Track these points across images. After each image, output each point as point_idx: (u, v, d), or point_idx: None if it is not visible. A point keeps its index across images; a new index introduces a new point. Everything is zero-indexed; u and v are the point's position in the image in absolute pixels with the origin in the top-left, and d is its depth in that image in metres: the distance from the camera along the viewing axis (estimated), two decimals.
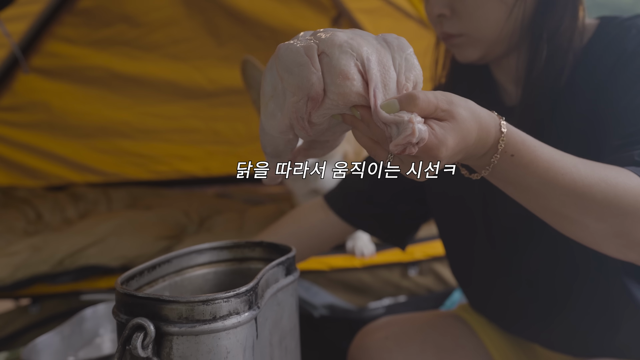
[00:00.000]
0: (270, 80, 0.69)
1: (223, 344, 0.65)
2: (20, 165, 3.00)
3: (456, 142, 0.63)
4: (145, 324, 0.63)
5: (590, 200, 0.70)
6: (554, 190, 0.70)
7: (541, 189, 0.70)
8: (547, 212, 0.74)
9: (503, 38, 0.93)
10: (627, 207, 0.70)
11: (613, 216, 0.70)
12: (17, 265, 1.90)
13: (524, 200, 0.74)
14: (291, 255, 0.84)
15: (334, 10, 2.79)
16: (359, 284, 2.01)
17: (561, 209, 0.71)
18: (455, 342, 1.16)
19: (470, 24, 0.91)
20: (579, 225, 0.73)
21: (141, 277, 0.80)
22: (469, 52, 0.95)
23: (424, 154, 0.62)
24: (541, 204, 0.73)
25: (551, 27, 0.90)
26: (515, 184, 0.71)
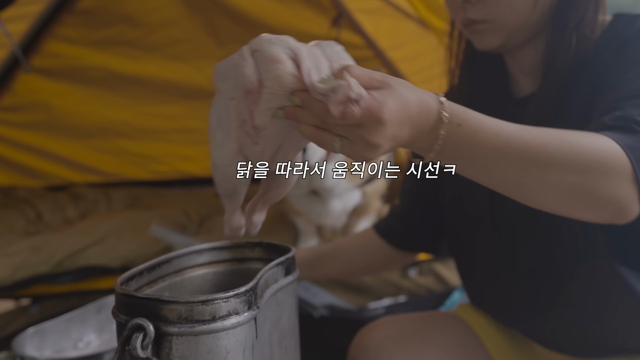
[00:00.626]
0: (215, 112, 0.71)
1: (222, 344, 0.65)
2: (20, 165, 3.00)
3: (397, 107, 0.63)
4: (145, 324, 0.63)
5: (547, 159, 0.68)
6: (508, 156, 0.68)
7: (495, 157, 0.69)
8: (507, 183, 0.72)
9: (526, 26, 0.93)
10: (586, 162, 0.69)
11: (574, 173, 0.69)
12: (17, 266, 1.90)
13: (483, 174, 0.72)
14: (290, 255, 0.84)
15: (334, 11, 2.79)
16: (359, 284, 2.01)
17: (520, 176, 0.70)
18: (455, 342, 1.16)
19: (496, 10, 0.91)
20: (541, 190, 0.71)
21: (141, 277, 0.80)
22: (490, 39, 0.95)
23: (367, 119, 0.62)
24: (500, 174, 0.70)
25: (576, 16, 0.91)
26: (468, 157, 0.69)
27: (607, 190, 0.70)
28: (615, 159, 0.70)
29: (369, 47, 2.88)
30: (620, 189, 0.70)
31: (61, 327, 1.48)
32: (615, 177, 0.69)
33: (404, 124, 0.65)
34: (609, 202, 0.70)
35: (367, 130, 0.63)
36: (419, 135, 0.67)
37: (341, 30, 2.80)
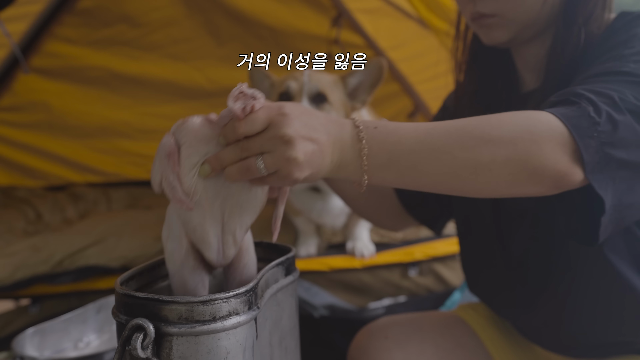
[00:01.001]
0: (165, 226, 0.73)
1: (223, 345, 0.65)
2: (20, 165, 2.99)
3: (297, 110, 0.66)
4: (145, 325, 0.63)
5: (470, 139, 0.68)
6: (433, 145, 0.69)
7: (421, 150, 0.69)
8: (444, 178, 0.70)
9: (535, 21, 0.93)
10: (512, 133, 0.69)
11: (502, 147, 0.68)
12: (17, 266, 1.90)
13: (418, 176, 0.71)
14: (290, 256, 0.84)
15: (334, 11, 2.79)
16: (359, 285, 2.01)
17: (452, 164, 0.69)
18: (455, 342, 1.16)
19: (507, 4, 0.91)
20: (478, 173, 0.69)
21: (141, 277, 0.80)
22: (499, 34, 0.95)
23: (270, 114, 0.65)
24: (433, 169, 0.70)
25: (585, 12, 0.91)
26: (398, 159, 0.69)
27: (542, 159, 0.69)
28: (545, 126, 0.70)
29: (369, 47, 2.88)
30: (554, 155, 0.69)
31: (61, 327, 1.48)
32: (547, 143, 0.69)
33: (315, 129, 0.67)
34: (546, 171, 0.69)
35: (275, 128, 0.65)
36: (341, 146, 0.69)
37: (341, 30, 2.80)
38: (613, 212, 0.74)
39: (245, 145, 0.66)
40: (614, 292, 0.95)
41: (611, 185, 0.73)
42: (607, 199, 0.72)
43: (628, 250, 0.93)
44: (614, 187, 0.73)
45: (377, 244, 2.02)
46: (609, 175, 0.72)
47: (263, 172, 0.66)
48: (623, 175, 0.73)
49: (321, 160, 0.68)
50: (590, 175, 0.71)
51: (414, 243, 2.03)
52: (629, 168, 0.74)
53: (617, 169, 0.73)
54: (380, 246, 2.02)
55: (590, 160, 0.71)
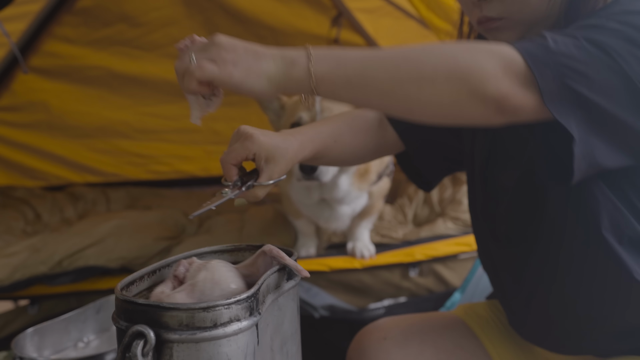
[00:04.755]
0: None
1: (224, 351, 0.65)
2: (19, 165, 2.99)
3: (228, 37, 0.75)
4: (145, 332, 0.62)
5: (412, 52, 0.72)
6: (377, 57, 0.73)
7: (365, 59, 0.73)
8: (388, 86, 0.73)
9: (541, 21, 0.92)
10: (454, 51, 0.71)
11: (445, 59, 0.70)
12: (16, 266, 1.89)
13: (364, 84, 0.74)
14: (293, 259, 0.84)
15: (334, 10, 2.79)
16: (359, 285, 2.01)
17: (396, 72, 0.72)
18: (454, 343, 1.16)
19: (513, 7, 0.90)
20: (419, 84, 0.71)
21: (141, 281, 0.79)
22: (506, 36, 0.94)
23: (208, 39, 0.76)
24: (378, 76, 0.73)
25: (587, 9, 0.90)
26: (343, 63, 0.74)
27: (483, 77, 0.70)
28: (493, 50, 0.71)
29: (369, 47, 2.87)
30: (497, 76, 0.70)
31: (61, 326, 1.48)
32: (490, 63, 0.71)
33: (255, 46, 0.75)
34: (488, 91, 0.70)
35: (209, 40, 0.76)
36: (286, 54, 0.76)
37: (341, 29, 2.80)
38: (581, 145, 0.74)
39: (183, 57, 0.77)
40: (613, 276, 0.93)
41: (572, 117, 0.73)
42: (572, 128, 0.72)
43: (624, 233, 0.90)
44: (576, 119, 0.73)
45: (378, 245, 2.02)
46: (568, 107, 0.73)
47: (194, 62, 0.75)
48: (584, 114, 0.73)
49: (253, 59, 0.74)
50: (550, 104, 0.72)
51: (414, 244, 2.02)
52: (590, 109, 0.74)
53: (577, 102, 0.73)
54: (380, 247, 2.01)
55: (547, 88, 0.71)
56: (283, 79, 0.75)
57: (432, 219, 2.21)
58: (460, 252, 2.03)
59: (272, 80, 0.75)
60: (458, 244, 2.02)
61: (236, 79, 0.74)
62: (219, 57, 0.74)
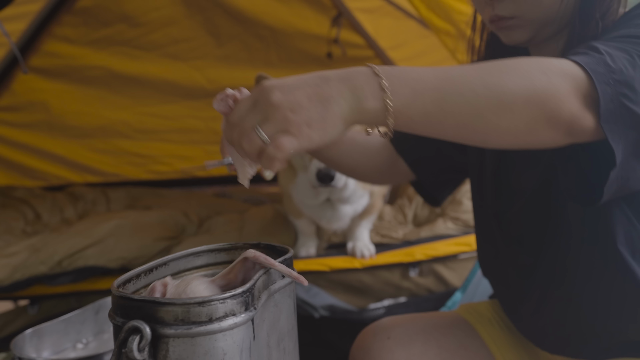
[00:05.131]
0: None
1: (219, 346, 0.64)
2: (19, 165, 2.99)
3: (280, 79, 0.65)
4: (141, 327, 0.62)
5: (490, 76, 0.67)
6: (455, 83, 0.67)
7: (443, 88, 0.67)
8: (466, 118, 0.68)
9: (554, 20, 0.92)
10: (530, 74, 0.68)
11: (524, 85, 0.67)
12: (16, 267, 1.89)
13: (441, 115, 0.68)
14: (288, 257, 0.84)
15: (334, 10, 2.79)
16: (360, 285, 2.01)
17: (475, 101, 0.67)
18: (458, 343, 1.16)
19: (525, 6, 0.91)
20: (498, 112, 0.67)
21: (138, 280, 0.79)
22: (519, 35, 0.95)
23: (254, 93, 0.66)
24: (456, 107, 0.67)
25: (603, 7, 0.90)
26: (420, 94, 0.67)
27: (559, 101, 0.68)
28: (561, 69, 0.69)
29: (369, 47, 2.88)
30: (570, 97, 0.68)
31: (60, 327, 1.48)
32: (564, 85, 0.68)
33: (310, 80, 0.66)
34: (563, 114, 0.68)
35: (262, 96, 0.65)
36: (355, 84, 0.66)
37: (341, 29, 2.80)
38: (620, 169, 0.72)
39: (240, 125, 0.66)
40: (624, 287, 0.93)
41: (623, 138, 0.71)
42: (618, 152, 0.70)
43: (637, 247, 0.91)
44: (626, 141, 0.71)
45: (377, 245, 2.02)
46: (622, 127, 0.70)
47: (266, 139, 0.64)
48: (635, 136, 0.71)
49: (323, 107, 0.65)
50: (605, 125, 0.69)
51: (414, 243, 2.02)
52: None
53: (630, 123, 0.71)
54: (380, 247, 2.01)
55: (606, 108, 0.69)
56: (357, 116, 0.67)
57: (432, 219, 2.21)
58: (461, 252, 2.03)
59: (347, 120, 0.67)
60: (458, 244, 2.02)
61: (316, 140, 0.65)
62: (289, 124, 0.64)
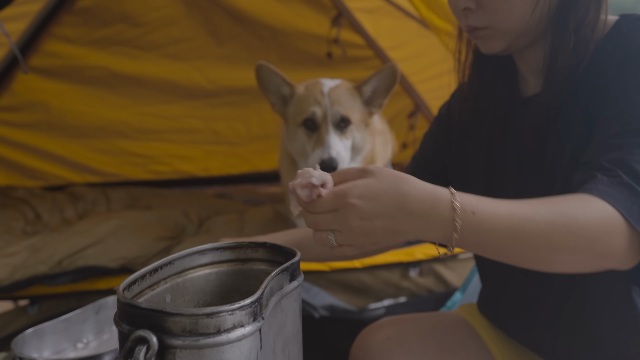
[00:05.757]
0: None
1: (227, 358, 0.64)
2: (19, 165, 2.98)
3: (369, 191, 0.71)
4: (148, 337, 0.62)
5: (557, 237, 0.73)
6: (522, 238, 0.73)
7: (510, 239, 0.73)
8: (524, 260, 0.77)
9: (528, 30, 0.93)
10: (593, 233, 0.74)
11: (584, 245, 0.74)
12: (16, 266, 1.89)
13: (500, 256, 0.76)
14: (295, 260, 0.83)
15: (334, 10, 2.79)
16: (360, 285, 2.01)
17: (535, 254, 0.75)
18: (457, 343, 1.16)
19: (496, 17, 0.91)
20: (556, 263, 0.76)
21: (143, 280, 0.79)
22: (494, 44, 0.96)
23: (336, 202, 0.72)
24: (516, 254, 0.75)
25: (577, 17, 0.91)
26: (486, 243, 0.74)
27: (612, 250, 0.75)
28: (614, 225, 0.75)
29: (369, 47, 2.87)
30: (619, 246, 0.76)
31: (60, 327, 1.47)
32: (617, 238, 0.75)
33: (391, 211, 0.72)
34: (612, 260, 0.77)
35: (342, 213, 0.72)
36: (429, 225, 0.73)
37: (341, 29, 2.80)
38: None
39: (316, 220, 0.75)
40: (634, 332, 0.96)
41: None
42: None
43: None
44: None
45: None
46: None
47: (335, 244, 0.74)
48: None
49: (393, 237, 0.73)
50: None
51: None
52: None
53: None
54: None
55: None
56: (418, 238, 0.76)
57: None
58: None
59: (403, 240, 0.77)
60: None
61: (373, 253, 0.81)
62: (358, 243, 0.73)
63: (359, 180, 0.73)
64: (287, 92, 1.83)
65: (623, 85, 0.87)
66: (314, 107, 1.73)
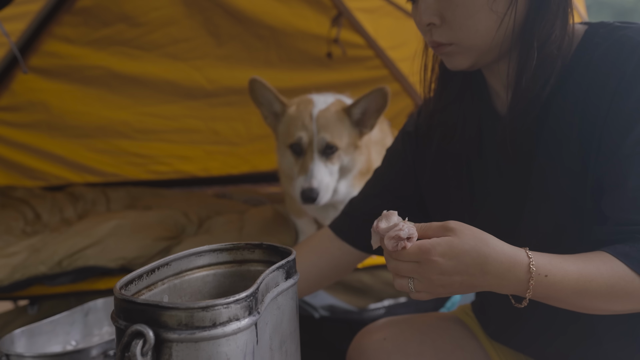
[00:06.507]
0: None
1: (223, 351, 0.64)
2: (18, 165, 2.99)
3: (452, 250, 0.77)
4: (145, 331, 0.62)
5: (614, 297, 0.82)
6: (585, 296, 0.81)
7: (576, 297, 0.81)
8: (583, 310, 0.85)
9: (494, 46, 0.92)
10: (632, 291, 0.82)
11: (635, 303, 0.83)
12: (16, 267, 1.89)
13: (564, 306, 0.85)
14: (291, 259, 0.84)
15: (334, 10, 2.79)
16: (360, 285, 2.01)
17: (589, 304, 0.83)
18: (454, 344, 1.16)
19: (461, 33, 0.90)
20: (611, 312, 0.85)
21: (140, 280, 0.79)
22: (459, 61, 0.95)
23: (419, 255, 0.78)
24: (577, 306, 0.84)
25: (542, 34, 0.90)
26: (554, 298, 0.82)
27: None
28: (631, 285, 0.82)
29: (369, 47, 2.87)
30: None
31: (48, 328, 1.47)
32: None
33: (470, 269, 0.78)
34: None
35: (423, 267, 0.78)
36: (504, 284, 0.80)
37: (341, 29, 2.80)
38: None
39: (398, 268, 0.81)
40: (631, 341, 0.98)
41: None
42: None
43: None
44: None
45: None
46: None
47: (413, 291, 0.81)
48: None
49: (467, 288, 0.81)
50: None
51: None
52: None
53: None
54: None
55: None
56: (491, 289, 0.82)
57: None
58: None
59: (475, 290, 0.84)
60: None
61: (443, 295, 0.83)
62: (435, 293, 0.81)
63: (442, 239, 0.78)
64: (278, 109, 1.83)
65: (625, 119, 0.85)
66: (301, 132, 1.72)
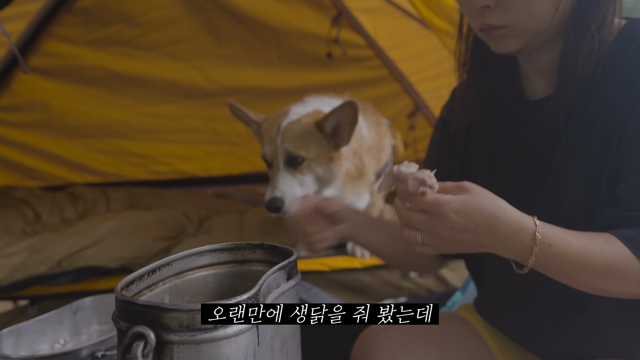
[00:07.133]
0: None
1: (224, 353, 0.64)
2: (18, 166, 2.99)
3: (465, 208, 0.79)
4: (146, 333, 0.62)
5: (612, 276, 0.83)
6: (584, 270, 0.83)
7: (575, 270, 0.83)
8: (579, 286, 0.86)
9: (546, 30, 0.91)
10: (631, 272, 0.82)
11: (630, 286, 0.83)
12: (16, 266, 1.89)
13: (562, 279, 0.86)
14: (293, 259, 0.83)
15: (334, 10, 2.79)
16: (360, 285, 2.00)
17: (589, 282, 0.84)
18: (459, 343, 1.16)
19: (518, 16, 0.90)
20: (603, 292, 0.86)
21: (141, 281, 0.79)
22: (510, 44, 0.94)
23: (432, 206, 0.80)
24: (576, 281, 0.85)
25: (598, 19, 0.90)
26: (555, 269, 0.84)
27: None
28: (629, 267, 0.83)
29: (369, 47, 2.87)
30: None
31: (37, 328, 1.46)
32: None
33: (479, 228, 0.80)
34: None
35: (435, 219, 0.80)
36: (508, 247, 0.82)
37: (341, 29, 2.80)
38: None
39: (409, 217, 0.83)
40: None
41: None
42: None
43: None
44: None
45: None
46: None
47: (419, 243, 0.84)
48: None
49: (471, 247, 0.83)
50: None
51: None
52: None
53: None
54: None
55: None
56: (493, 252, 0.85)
57: None
58: None
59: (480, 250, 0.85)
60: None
61: (447, 252, 0.85)
62: (440, 247, 0.84)
63: (458, 196, 0.80)
64: (255, 128, 1.85)
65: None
66: (267, 146, 1.73)
